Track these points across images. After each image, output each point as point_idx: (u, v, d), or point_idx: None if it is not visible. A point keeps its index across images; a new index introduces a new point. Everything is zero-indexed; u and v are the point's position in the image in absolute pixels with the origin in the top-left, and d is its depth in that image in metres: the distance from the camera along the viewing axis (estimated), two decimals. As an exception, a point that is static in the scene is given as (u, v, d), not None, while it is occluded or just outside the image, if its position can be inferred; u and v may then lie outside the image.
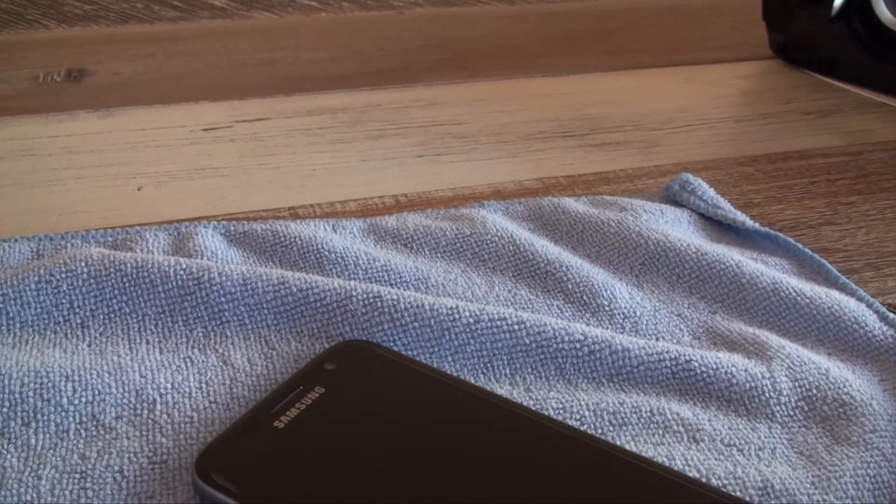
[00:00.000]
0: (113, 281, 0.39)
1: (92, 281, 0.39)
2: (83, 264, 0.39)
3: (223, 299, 0.39)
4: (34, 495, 0.30)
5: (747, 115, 0.65)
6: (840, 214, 0.52)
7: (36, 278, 0.38)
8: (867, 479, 0.32)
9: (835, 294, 0.42)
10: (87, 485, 0.31)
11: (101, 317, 0.38)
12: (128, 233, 0.44)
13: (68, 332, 0.38)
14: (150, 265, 0.39)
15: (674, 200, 0.50)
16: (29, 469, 0.31)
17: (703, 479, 0.32)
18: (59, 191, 0.50)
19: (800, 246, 0.46)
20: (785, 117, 0.65)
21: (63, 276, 0.39)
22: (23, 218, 0.48)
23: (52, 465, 0.31)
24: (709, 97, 0.68)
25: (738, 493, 0.31)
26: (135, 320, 0.38)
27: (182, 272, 0.39)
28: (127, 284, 0.39)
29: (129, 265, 0.39)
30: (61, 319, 0.38)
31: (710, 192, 0.50)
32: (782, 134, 0.62)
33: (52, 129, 0.57)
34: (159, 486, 0.31)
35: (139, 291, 0.39)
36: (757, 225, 0.47)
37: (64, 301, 0.38)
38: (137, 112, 0.61)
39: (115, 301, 0.39)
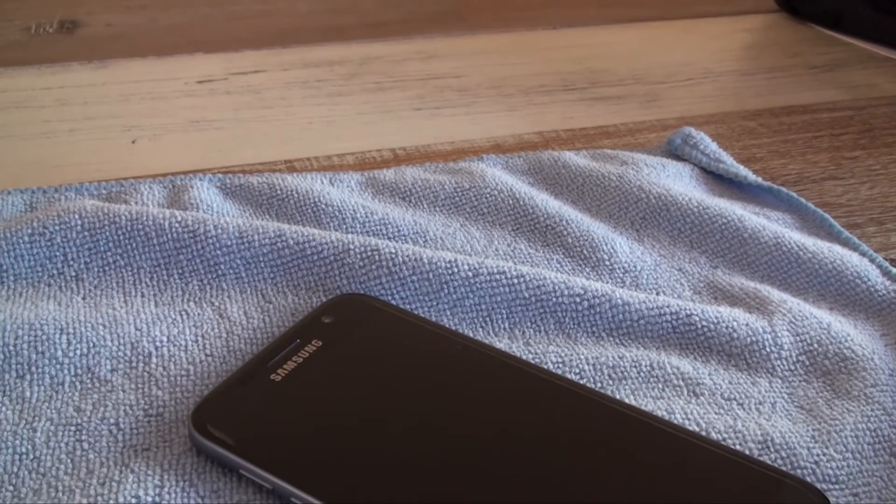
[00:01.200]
0: (107, 233, 0.38)
1: (86, 233, 0.38)
2: (77, 216, 0.39)
3: (219, 252, 0.38)
4: (29, 447, 0.30)
5: (751, 69, 0.64)
6: (843, 169, 0.51)
7: (29, 230, 0.38)
8: (867, 432, 0.32)
9: (837, 249, 0.41)
10: (83, 437, 0.30)
11: (96, 269, 0.38)
12: (122, 185, 0.44)
13: (62, 284, 0.37)
14: (144, 217, 0.39)
15: (675, 154, 0.50)
16: (24, 421, 0.31)
17: (703, 433, 0.32)
18: (51, 143, 0.50)
19: (802, 200, 0.45)
20: (789, 71, 0.64)
21: (57, 228, 0.38)
22: (15, 170, 0.47)
23: (46, 418, 0.31)
24: (712, 51, 0.67)
25: (738, 447, 0.31)
26: (130, 273, 0.38)
27: (177, 225, 0.39)
28: (121, 237, 0.38)
29: (123, 217, 0.39)
30: (55, 272, 0.38)
31: (713, 147, 0.49)
32: (786, 88, 0.61)
33: (44, 81, 0.57)
34: (155, 439, 0.31)
35: (134, 244, 0.38)
36: (759, 179, 0.47)
37: (58, 253, 0.38)
38: (131, 64, 0.60)
39: (109, 254, 0.38)
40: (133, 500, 0.28)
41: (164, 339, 0.35)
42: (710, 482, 0.29)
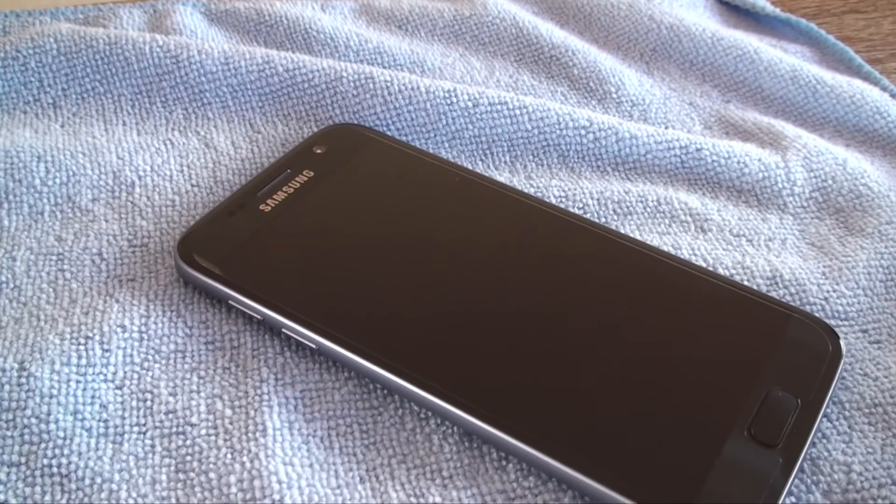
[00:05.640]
0: (84, 58, 0.36)
1: (62, 58, 0.36)
2: (52, 40, 0.36)
3: (204, 79, 0.36)
4: (9, 276, 0.29)
5: None
6: (866, 2, 0.48)
7: (2, 55, 0.36)
8: (880, 269, 0.31)
9: (857, 83, 0.39)
10: (65, 266, 0.29)
11: (74, 96, 0.36)
12: (100, 9, 0.41)
13: (39, 111, 0.35)
14: (123, 42, 0.36)
15: (689, -16, 0.47)
16: (3, 250, 0.30)
17: (711, 269, 0.31)
18: (24, -34, 0.46)
19: (822, 32, 0.43)
20: None
21: (31, 52, 0.36)
22: (-14, -6, 0.44)
23: (26, 247, 0.30)
24: None
25: (746, 283, 0.30)
26: (110, 100, 0.36)
27: (159, 49, 0.36)
28: (100, 62, 0.36)
29: (101, 41, 0.36)
30: (31, 98, 0.35)
31: (729, -25, 0.46)
32: (809, -84, 0.57)
33: None
34: (140, 269, 0.29)
35: (113, 70, 0.36)
36: (777, 10, 0.44)
37: (33, 79, 0.36)
38: None
39: (87, 80, 0.36)
40: (118, 329, 0.27)
41: (148, 168, 0.33)
42: (717, 316, 0.28)
